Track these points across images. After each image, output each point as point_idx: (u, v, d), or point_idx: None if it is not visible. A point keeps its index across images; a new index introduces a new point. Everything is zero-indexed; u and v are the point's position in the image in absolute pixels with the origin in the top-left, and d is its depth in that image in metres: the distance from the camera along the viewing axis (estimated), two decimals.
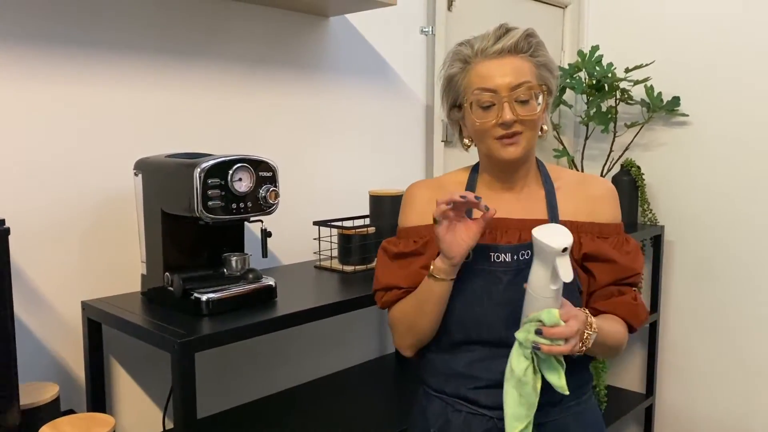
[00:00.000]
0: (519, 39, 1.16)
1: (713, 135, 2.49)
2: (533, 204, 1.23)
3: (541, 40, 1.19)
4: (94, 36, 1.42)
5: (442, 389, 1.23)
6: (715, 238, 2.53)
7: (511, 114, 1.13)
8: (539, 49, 1.18)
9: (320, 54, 1.87)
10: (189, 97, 1.60)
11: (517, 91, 1.14)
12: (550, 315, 1.02)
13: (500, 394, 1.13)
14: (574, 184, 1.25)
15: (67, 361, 1.43)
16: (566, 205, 1.22)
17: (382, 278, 1.25)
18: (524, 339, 1.05)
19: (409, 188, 1.32)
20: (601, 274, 1.20)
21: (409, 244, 1.23)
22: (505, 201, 1.23)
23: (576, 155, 2.73)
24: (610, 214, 1.23)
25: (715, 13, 2.45)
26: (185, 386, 1.14)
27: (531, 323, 1.04)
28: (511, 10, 2.50)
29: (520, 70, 1.15)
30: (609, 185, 1.26)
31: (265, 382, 1.80)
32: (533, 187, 1.25)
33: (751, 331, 2.47)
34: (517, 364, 1.07)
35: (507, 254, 1.17)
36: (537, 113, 1.16)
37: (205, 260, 1.39)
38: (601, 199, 1.23)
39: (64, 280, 1.42)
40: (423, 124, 2.22)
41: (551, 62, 1.21)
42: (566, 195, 1.23)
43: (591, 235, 1.20)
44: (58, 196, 1.40)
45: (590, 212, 1.22)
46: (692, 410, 2.65)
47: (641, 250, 2.60)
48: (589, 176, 1.29)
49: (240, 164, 1.28)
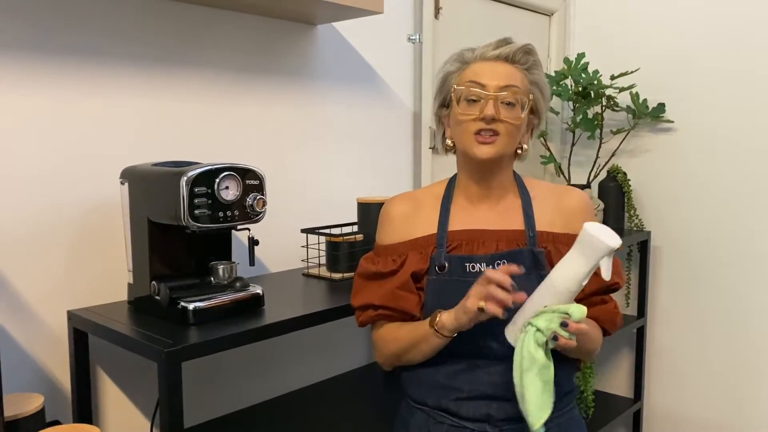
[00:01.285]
0: (517, 50, 1.20)
1: (698, 141, 2.52)
2: (510, 215, 1.24)
3: (539, 60, 1.23)
4: (80, 44, 1.42)
5: (423, 401, 1.23)
6: (702, 242, 2.55)
7: (493, 110, 1.15)
8: (535, 67, 1.22)
9: (307, 62, 1.88)
10: (176, 105, 1.59)
11: (504, 93, 1.16)
12: (581, 311, 1.01)
13: (482, 405, 1.14)
14: (549, 194, 1.27)
15: (53, 372, 1.42)
16: (542, 215, 1.24)
17: (359, 297, 1.27)
18: (545, 327, 1.02)
19: (384, 205, 1.32)
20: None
21: (388, 263, 1.24)
22: (482, 212, 1.25)
23: (563, 161, 2.75)
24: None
25: (700, 21, 2.48)
26: (172, 396, 1.13)
27: (556, 314, 1.02)
28: (497, 17, 2.52)
29: (511, 76, 1.18)
30: (584, 197, 1.28)
31: (252, 390, 1.79)
32: (510, 198, 1.26)
33: (738, 334, 2.49)
34: (536, 351, 1.02)
35: (482, 264, 1.18)
36: (519, 118, 1.18)
37: (192, 269, 1.39)
38: (576, 211, 1.25)
39: (49, 289, 1.40)
40: (410, 132, 2.22)
41: (544, 84, 1.24)
42: (542, 205, 1.25)
43: (567, 247, 1.18)
44: (43, 204, 1.39)
45: (566, 224, 1.23)
46: (680, 414, 2.66)
47: (628, 255, 2.63)
48: (563, 187, 1.32)
49: (227, 172, 1.27)
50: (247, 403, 1.77)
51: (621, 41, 2.68)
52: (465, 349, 1.16)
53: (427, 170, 2.25)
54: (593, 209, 1.29)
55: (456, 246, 1.21)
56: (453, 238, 1.22)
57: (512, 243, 1.21)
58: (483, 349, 1.15)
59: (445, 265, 1.19)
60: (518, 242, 1.21)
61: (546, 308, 1.04)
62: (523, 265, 1.16)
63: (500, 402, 1.15)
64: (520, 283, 1.15)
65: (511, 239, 1.21)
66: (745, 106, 2.40)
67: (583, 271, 1.04)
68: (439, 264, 1.20)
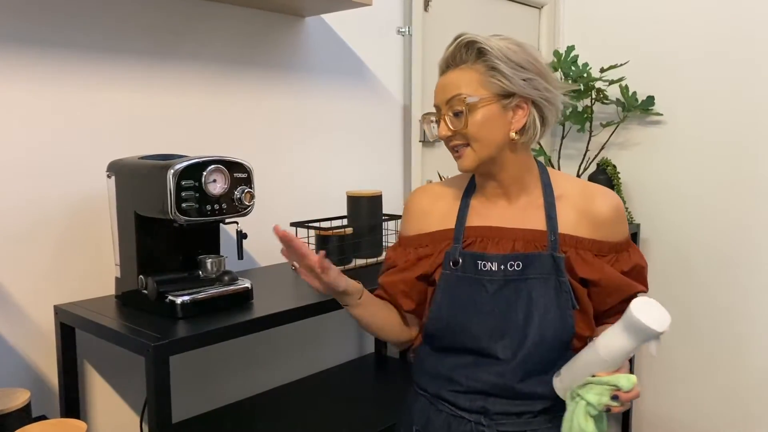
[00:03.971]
0: (455, 50, 1.13)
1: (687, 134, 2.53)
2: (530, 213, 1.19)
3: (488, 44, 1.10)
4: (67, 37, 1.40)
5: (425, 388, 1.24)
6: (691, 235, 2.56)
7: (445, 130, 1.14)
8: (484, 54, 1.10)
9: (296, 54, 1.87)
10: (163, 98, 1.58)
11: (449, 106, 1.13)
12: (630, 382, 0.99)
13: (478, 399, 1.15)
14: (577, 195, 1.20)
15: (40, 367, 1.41)
16: (566, 217, 1.17)
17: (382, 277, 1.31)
18: (597, 402, 1.00)
19: (408, 197, 1.34)
20: (608, 297, 1.19)
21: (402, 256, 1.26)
22: (500, 208, 1.21)
23: (553, 154, 2.75)
24: (615, 233, 1.21)
25: (689, 14, 2.49)
26: (160, 390, 1.12)
27: (605, 386, 1.01)
28: (487, 10, 2.51)
29: (454, 84, 1.13)
30: (616, 203, 1.20)
31: (242, 384, 1.79)
32: (532, 195, 1.20)
33: (728, 328, 2.51)
34: (586, 424, 1.02)
35: (494, 263, 1.15)
36: (464, 127, 1.11)
37: (180, 263, 1.38)
38: (607, 220, 1.18)
39: (36, 283, 1.39)
40: (400, 124, 2.22)
41: (508, 62, 1.10)
42: (567, 206, 1.18)
43: (590, 253, 1.17)
44: (29, 198, 1.37)
45: (593, 230, 1.18)
46: (670, 408, 2.68)
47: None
48: (594, 188, 1.22)
49: (214, 165, 1.27)
50: (236, 398, 1.76)
51: (610, 34, 2.68)
52: (466, 346, 1.17)
53: (417, 163, 2.24)
54: (625, 217, 1.22)
55: (471, 242, 1.19)
56: (469, 234, 1.20)
57: (530, 244, 1.16)
58: (486, 349, 1.15)
59: (459, 261, 1.18)
60: (537, 244, 1.16)
61: (594, 379, 1.02)
62: (543, 270, 1.14)
63: (495, 398, 1.16)
64: (537, 288, 1.14)
65: (530, 240, 1.16)
66: (734, 98, 2.41)
67: (627, 350, 1.01)
68: (453, 259, 1.18)
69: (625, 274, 1.20)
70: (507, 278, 1.15)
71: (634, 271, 1.23)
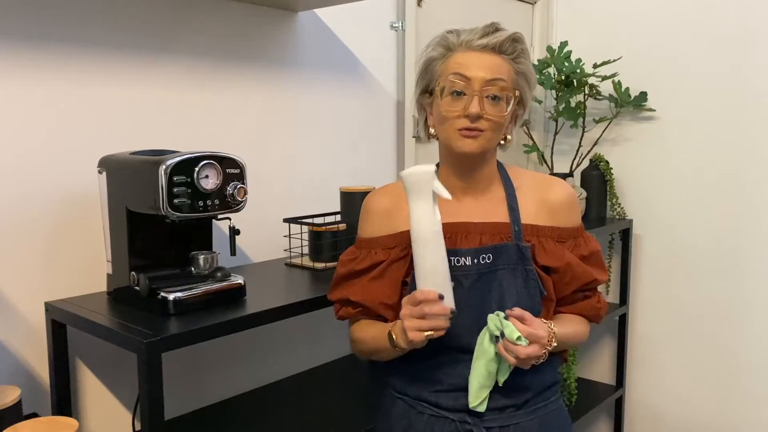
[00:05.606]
0: (504, 40, 1.15)
1: (680, 129, 2.53)
2: (494, 207, 1.22)
3: (526, 48, 1.18)
4: (56, 32, 1.39)
5: (404, 391, 1.23)
6: (683, 231, 2.57)
7: (478, 108, 1.12)
8: (522, 56, 1.17)
9: (289, 49, 1.86)
10: (154, 93, 1.57)
11: (489, 88, 1.13)
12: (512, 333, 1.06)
13: (462, 397, 1.15)
14: (533, 185, 1.25)
15: (31, 364, 1.40)
16: (526, 208, 1.22)
17: (336, 292, 1.29)
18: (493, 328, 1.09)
19: (366, 199, 1.32)
20: (566, 285, 1.21)
21: (366, 258, 1.24)
22: (466, 204, 1.23)
23: (546, 150, 2.75)
24: (571, 219, 1.24)
25: (682, 10, 2.49)
26: (152, 387, 1.12)
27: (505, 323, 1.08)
28: (480, 5, 2.51)
29: (498, 68, 1.14)
30: (568, 189, 1.26)
31: (234, 381, 1.78)
32: (494, 190, 1.24)
33: (719, 322, 2.52)
34: (489, 346, 1.10)
35: (468, 258, 1.17)
36: (504, 115, 1.15)
37: (172, 259, 1.37)
38: (561, 206, 1.23)
39: (26, 280, 1.38)
40: (394, 120, 2.21)
41: (531, 74, 1.20)
42: (526, 197, 1.23)
43: (552, 240, 1.20)
44: (20, 194, 1.36)
45: (550, 217, 1.22)
46: (662, 401, 2.69)
47: (610, 243, 2.64)
48: (547, 178, 1.29)
49: (206, 161, 1.26)
50: (229, 394, 1.76)
51: (604, 30, 2.68)
52: (449, 343, 1.16)
53: (411, 159, 2.24)
54: (577, 201, 1.27)
55: None
56: None
57: (496, 237, 1.19)
58: (466, 345, 1.15)
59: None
60: (502, 236, 1.19)
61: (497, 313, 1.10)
62: (510, 260, 1.17)
63: None
64: (506, 278, 1.16)
65: (495, 232, 1.19)
66: (727, 94, 2.41)
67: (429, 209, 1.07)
68: None
69: (584, 259, 1.23)
70: (480, 271, 1.16)
71: (593, 257, 1.25)
